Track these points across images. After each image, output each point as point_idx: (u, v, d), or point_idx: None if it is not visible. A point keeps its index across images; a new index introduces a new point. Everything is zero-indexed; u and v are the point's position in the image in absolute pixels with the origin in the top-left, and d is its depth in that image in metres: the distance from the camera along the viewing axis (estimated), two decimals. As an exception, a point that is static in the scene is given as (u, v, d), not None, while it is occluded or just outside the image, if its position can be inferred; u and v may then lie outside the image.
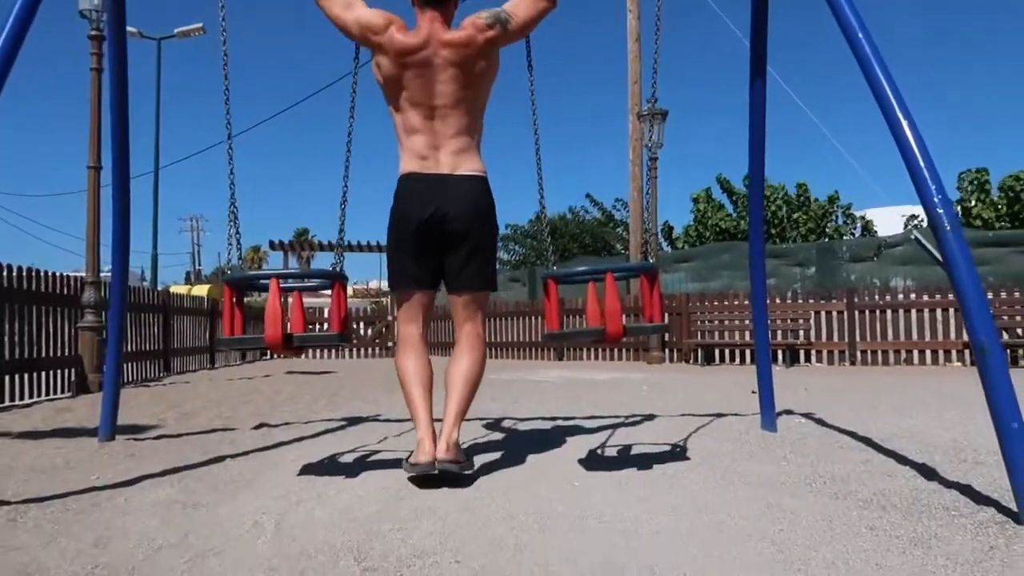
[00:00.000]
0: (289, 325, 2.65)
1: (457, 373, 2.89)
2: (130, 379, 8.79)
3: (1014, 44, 79.94)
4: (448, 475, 2.65)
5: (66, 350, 7.34)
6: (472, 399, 2.92)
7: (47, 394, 6.95)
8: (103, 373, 7.25)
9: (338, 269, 2.92)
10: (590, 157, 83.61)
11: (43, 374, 6.96)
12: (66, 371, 7.33)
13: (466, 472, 2.74)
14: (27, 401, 6.50)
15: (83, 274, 7.84)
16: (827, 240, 18.91)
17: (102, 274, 7.78)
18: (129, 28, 4.11)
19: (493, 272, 3.02)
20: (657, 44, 3.43)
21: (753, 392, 4.63)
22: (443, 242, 2.84)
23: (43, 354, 6.94)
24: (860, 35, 2.79)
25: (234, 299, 2.68)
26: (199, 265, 59.66)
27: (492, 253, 3.00)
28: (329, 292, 2.78)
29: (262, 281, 2.84)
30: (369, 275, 47.34)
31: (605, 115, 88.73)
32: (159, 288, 17.96)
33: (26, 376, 6.68)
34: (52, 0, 2.69)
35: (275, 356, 14.98)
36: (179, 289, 23.02)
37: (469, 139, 2.91)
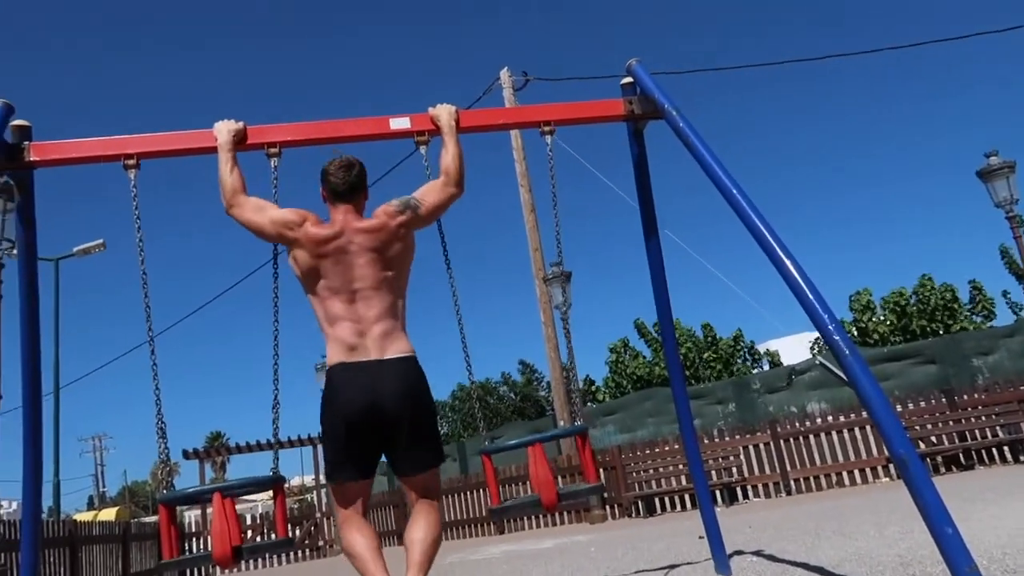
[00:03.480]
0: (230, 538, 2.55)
1: (415, 532, 2.81)
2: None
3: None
4: None
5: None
6: (434, 553, 2.82)
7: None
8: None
9: (275, 472, 2.85)
10: (514, 323, 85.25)
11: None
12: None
13: None
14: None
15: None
16: (740, 375, 19.58)
17: (2, 510, 7.21)
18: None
19: (439, 445, 3.00)
20: (556, 215, 3.70)
21: (701, 537, 4.63)
22: (382, 430, 2.82)
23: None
24: (734, 191, 3.13)
25: (170, 519, 2.57)
26: (103, 487, 55.80)
27: (434, 429, 2.99)
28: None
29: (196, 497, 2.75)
30: (291, 471, 45.30)
31: (517, 281, 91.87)
32: (62, 518, 16.60)
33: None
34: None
35: (212, 572, 13.95)
36: (84, 516, 21.34)
37: (394, 320, 2.96)
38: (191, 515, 16.06)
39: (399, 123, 3.54)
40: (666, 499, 12.19)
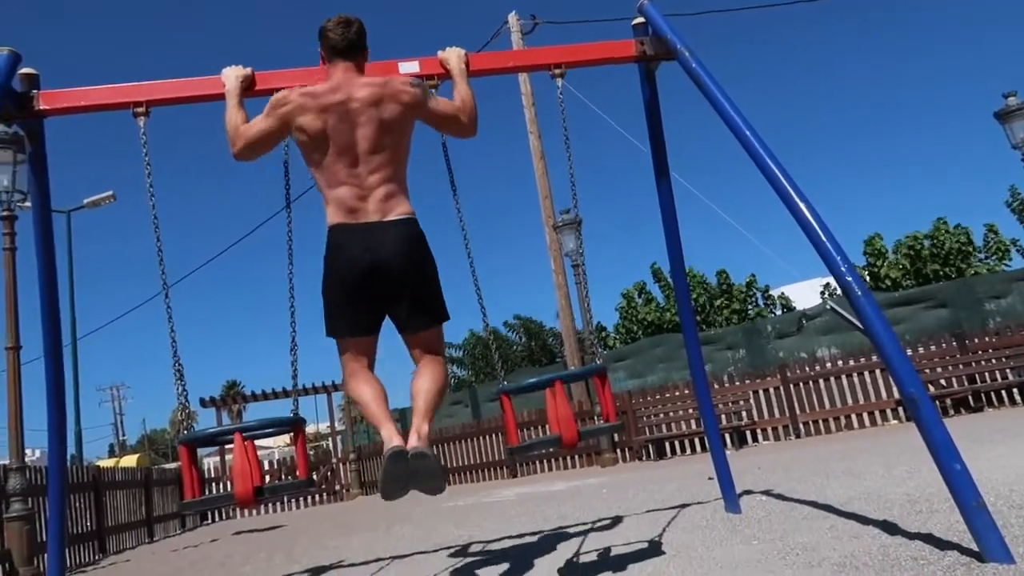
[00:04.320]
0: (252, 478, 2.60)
1: (421, 382, 2.85)
2: (64, 568, 8.19)
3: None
4: (420, 457, 2.51)
5: (-8, 546, 6.84)
6: (439, 401, 2.87)
7: (-26, 598, 6.42)
8: (36, 565, 6.80)
9: (295, 414, 2.90)
10: (522, 274, 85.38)
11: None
12: (-7, 569, 6.81)
13: (438, 461, 2.60)
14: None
15: (5, 461, 7.43)
16: (751, 321, 19.56)
17: (27, 458, 7.40)
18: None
19: (443, 303, 2.99)
20: (569, 158, 3.66)
21: (711, 478, 4.71)
22: (384, 289, 2.82)
23: (-33, 554, 6.45)
24: (747, 132, 3.09)
25: (191, 459, 2.63)
26: (123, 435, 56.95)
27: (437, 287, 2.98)
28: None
29: (216, 437, 2.80)
30: (307, 418, 45.92)
31: (526, 231, 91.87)
32: (86, 465, 17.02)
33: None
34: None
35: (233, 514, 14.36)
36: (106, 463, 21.85)
37: (395, 185, 2.94)
38: (210, 462, 16.43)
39: (408, 67, 3.49)
40: (676, 443, 12.35)
